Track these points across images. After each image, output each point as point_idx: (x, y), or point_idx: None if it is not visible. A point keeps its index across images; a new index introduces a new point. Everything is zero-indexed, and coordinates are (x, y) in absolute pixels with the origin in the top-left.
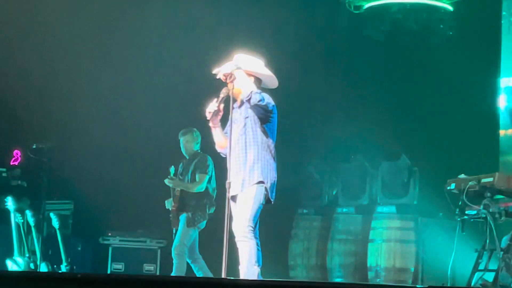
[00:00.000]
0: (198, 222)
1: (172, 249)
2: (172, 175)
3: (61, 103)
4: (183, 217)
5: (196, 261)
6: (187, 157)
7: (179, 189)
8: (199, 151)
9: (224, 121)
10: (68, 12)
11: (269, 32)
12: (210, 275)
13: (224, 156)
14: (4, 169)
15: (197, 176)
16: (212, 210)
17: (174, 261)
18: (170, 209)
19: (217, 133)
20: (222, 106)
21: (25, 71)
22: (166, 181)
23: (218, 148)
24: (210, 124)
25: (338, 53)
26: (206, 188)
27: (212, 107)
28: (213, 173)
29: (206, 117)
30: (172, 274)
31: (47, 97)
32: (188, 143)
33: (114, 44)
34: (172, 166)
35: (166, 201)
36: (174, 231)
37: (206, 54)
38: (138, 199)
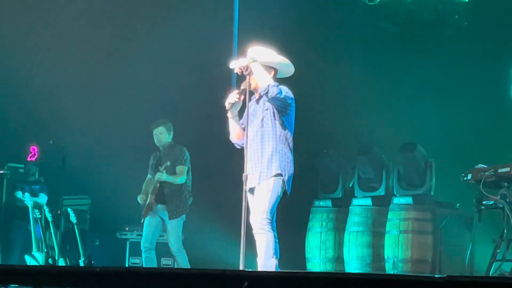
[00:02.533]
0: (181, 214)
1: (170, 245)
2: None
3: (78, 99)
4: (163, 211)
5: (151, 250)
6: (161, 149)
7: (158, 182)
8: (172, 142)
9: (241, 112)
10: (83, 14)
11: (284, 25)
12: (154, 265)
13: (239, 147)
14: (21, 165)
15: (177, 168)
16: (190, 201)
17: (177, 258)
18: (141, 202)
19: (233, 124)
20: (242, 97)
21: (41, 68)
22: (157, 176)
23: (234, 139)
24: (228, 114)
25: (353, 45)
26: (185, 180)
27: (233, 98)
28: (190, 165)
29: (225, 107)
30: None
31: (63, 93)
32: (162, 134)
33: (127, 43)
34: (168, 162)
35: (138, 196)
36: (142, 221)
37: (216, 49)
38: None
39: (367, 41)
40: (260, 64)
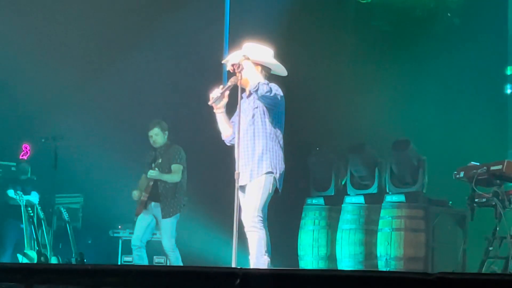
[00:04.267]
0: (174, 213)
1: (164, 244)
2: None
3: (70, 97)
4: (157, 209)
5: (142, 248)
6: (158, 150)
7: (152, 180)
8: (168, 142)
9: (231, 110)
10: (74, 13)
11: (277, 22)
12: (145, 264)
13: (228, 144)
14: (13, 163)
15: (172, 166)
16: (184, 201)
17: (170, 257)
18: (135, 198)
19: (221, 120)
20: (227, 93)
21: (34, 66)
22: (149, 173)
23: (223, 136)
24: (214, 109)
25: (345, 43)
26: (180, 179)
27: (216, 92)
28: (185, 164)
29: (208, 101)
30: None
31: (56, 91)
32: (157, 135)
33: (118, 42)
34: (160, 160)
35: (133, 192)
36: (135, 219)
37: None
38: None
39: (359, 39)
40: (252, 61)
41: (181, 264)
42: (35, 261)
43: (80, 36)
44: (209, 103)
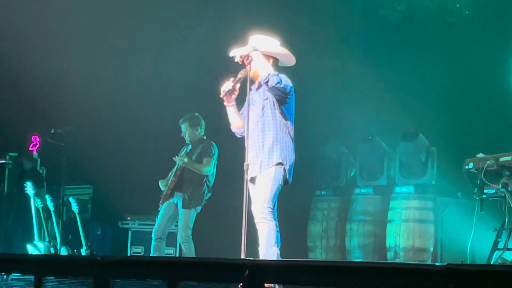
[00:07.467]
0: (194, 206)
1: (179, 234)
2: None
3: (79, 88)
4: (179, 198)
5: (162, 240)
6: (191, 144)
7: (181, 169)
8: (204, 137)
9: (240, 102)
10: (88, 4)
11: (285, 13)
12: (161, 255)
13: (239, 136)
14: (22, 155)
15: (204, 160)
16: (208, 196)
17: (183, 247)
18: (163, 188)
19: (231, 113)
20: (238, 86)
21: (43, 57)
22: (177, 159)
23: (233, 129)
24: (225, 103)
25: (354, 33)
26: (209, 173)
27: (227, 85)
28: (216, 161)
29: (219, 94)
30: None
31: (65, 82)
32: (186, 131)
33: (130, 33)
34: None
35: (160, 181)
36: (159, 208)
37: (218, 39)
38: (156, 183)
39: (368, 30)
40: (261, 53)
41: (194, 255)
42: (45, 253)
43: (91, 28)
44: (221, 96)
